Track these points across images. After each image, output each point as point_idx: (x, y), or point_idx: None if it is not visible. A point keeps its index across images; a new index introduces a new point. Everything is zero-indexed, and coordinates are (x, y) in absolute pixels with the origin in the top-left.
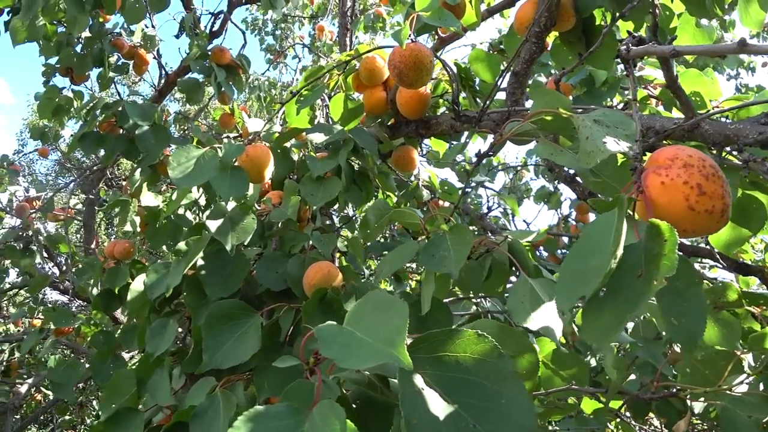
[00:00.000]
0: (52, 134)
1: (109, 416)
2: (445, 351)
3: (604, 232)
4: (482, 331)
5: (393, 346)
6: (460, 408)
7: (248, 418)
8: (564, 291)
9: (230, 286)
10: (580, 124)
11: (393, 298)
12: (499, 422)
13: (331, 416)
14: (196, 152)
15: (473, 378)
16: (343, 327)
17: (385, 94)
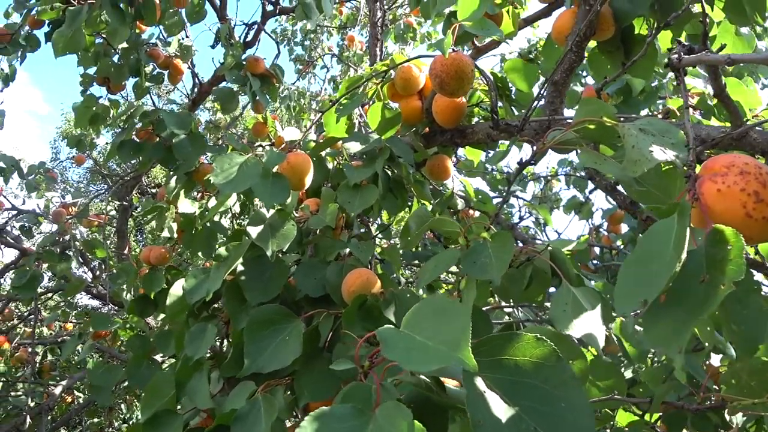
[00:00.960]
0: (88, 142)
1: (148, 418)
2: (504, 354)
3: (663, 238)
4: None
5: (458, 349)
6: (521, 411)
7: (314, 418)
8: (624, 295)
9: (270, 292)
10: (625, 133)
11: (453, 302)
12: (559, 426)
13: (397, 417)
14: (239, 159)
15: (532, 381)
16: (401, 331)
17: (420, 104)
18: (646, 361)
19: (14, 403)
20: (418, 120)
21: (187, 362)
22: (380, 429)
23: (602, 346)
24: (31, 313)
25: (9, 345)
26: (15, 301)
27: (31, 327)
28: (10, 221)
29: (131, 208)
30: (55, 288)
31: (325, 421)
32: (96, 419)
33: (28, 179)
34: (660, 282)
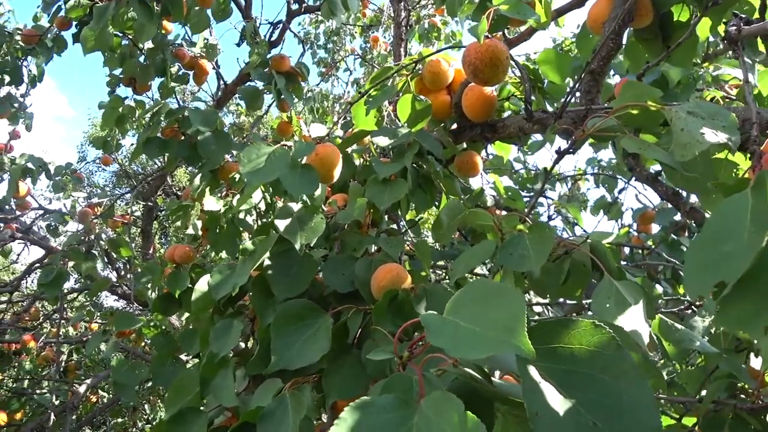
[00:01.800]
0: (114, 143)
1: (172, 415)
2: (559, 342)
3: (736, 215)
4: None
5: (512, 335)
6: (577, 404)
7: (355, 407)
8: (694, 278)
9: (297, 287)
10: (673, 116)
11: (502, 285)
12: (621, 421)
13: (446, 407)
14: (267, 149)
15: (590, 372)
16: (446, 317)
17: (449, 98)
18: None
19: (39, 401)
20: (446, 115)
21: (212, 359)
22: (427, 421)
23: (647, 342)
24: (57, 311)
25: (35, 343)
26: (41, 300)
27: (56, 325)
28: (37, 221)
29: (156, 209)
30: (80, 288)
31: (367, 411)
32: (120, 419)
33: (55, 180)
34: (740, 262)
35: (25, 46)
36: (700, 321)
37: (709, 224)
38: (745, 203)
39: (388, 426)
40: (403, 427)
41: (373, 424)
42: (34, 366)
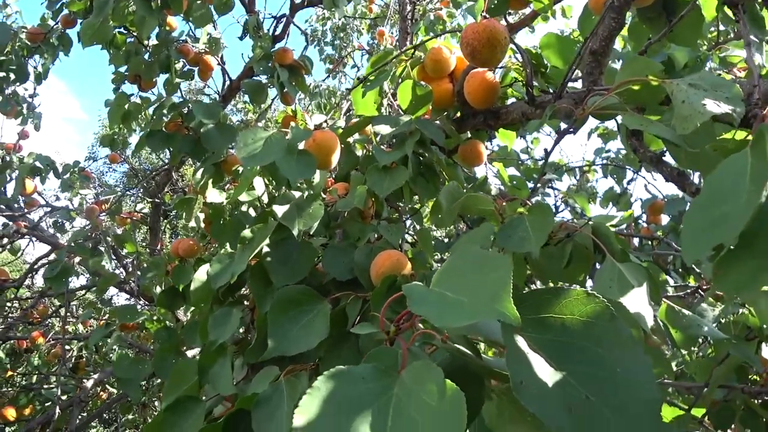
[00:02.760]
0: (121, 141)
1: (170, 404)
2: (549, 312)
3: (735, 175)
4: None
5: (497, 300)
6: (568, 376)
7: (329, 376)
8: (691, 242)
9: (296, 275)
10: (674, 89)
11: (488, 253)
12: (616, 395)
13: (426, 378)
14: (263, 134)
15: (582, 343)
16: (431, 288)
17: (452, 86)
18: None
19: (46, 396)
20: (449, 104)
21: (211, 347)
22: (408, 391)
23: (651, 326)
24: (62, 306)
25: (44, 340)
26: (49, 297)
27: (61, 319)
28: (44, 218)
29: (164, 206)
30: (88, 284)
31: (343, 380)
32: (130, 415)
33: (63, 178)
34: (737, 222)
35: (31, 45)
36: (710, 310)
37: (708, 186)
38: (744, 162)
39: (366, 396)
40: (383, 398)
41: (349, 395)
42: (44, 363)
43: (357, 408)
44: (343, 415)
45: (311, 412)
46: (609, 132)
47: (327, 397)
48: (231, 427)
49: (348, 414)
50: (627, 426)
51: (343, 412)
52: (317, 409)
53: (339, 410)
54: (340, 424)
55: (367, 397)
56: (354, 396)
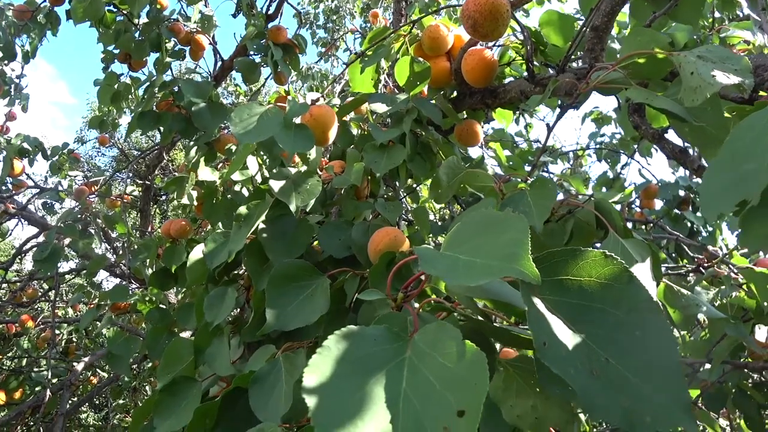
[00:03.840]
0: (111, 123)
1: (165, 385)
2: (566, 274)
3: (756, 134)
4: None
5: (514, 260)
6: (587, 339)
7: (341, 336)
8: (712, 199)
9: (293, 251)
10: (682, 61)
11: (502, 214)
12: (636, 357)
13: (441, 340)
14: (258, 109)
15: (600, 306)
16: (441, 252)
17: (449, 65)
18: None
19: (36, 379)
20: (446, 82)
21: (207, 327)
22: (421, 354)
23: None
24: (52, 288)
25: (33, 323)
26: (38, 280)
27: (51, 303)
28: (33, 200)
29: (154, 189)
30: (78, 268)
31: (355, 340)
32: (121, 400)
33: (52, 160)
34: (762, 179)
35: (18, 23)
36: (704, 293)
37: (728, 146)
38: (765, 120)
39: (379, 358)
40: (394, 362)
41: (361, 357)
42: (34, 347)
43: (370, 369)
44: (356, 377)
45: (323, 373)
46: (603, 117)
47: (339, 358)
48: (228, 405)
49: (361, 376)
50: (651, 389)
51: (356, 373)
52: (329, 369)
53: (352, 371)
54: (352, 386)
55: (379, 358)
56: (366, 357)
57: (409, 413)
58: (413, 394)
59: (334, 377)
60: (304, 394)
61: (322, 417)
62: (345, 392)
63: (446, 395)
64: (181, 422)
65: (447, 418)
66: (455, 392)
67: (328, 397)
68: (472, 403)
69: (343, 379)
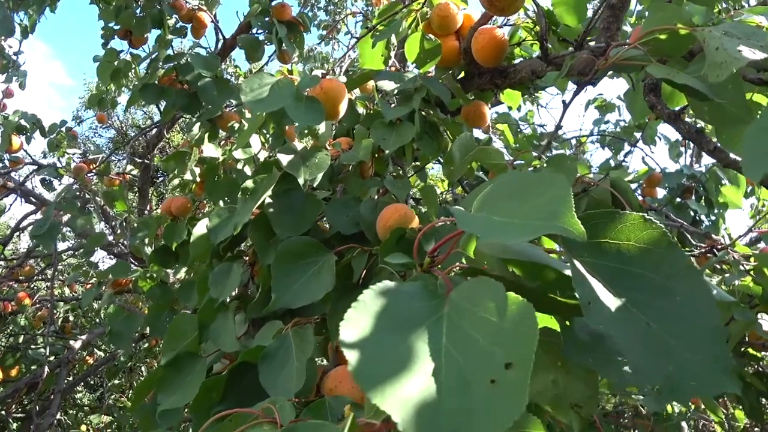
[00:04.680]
0: (110, 101)
1: (170, 360)
2: (605, 237)
3: None
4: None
5: (557, 217)
6: (628, 303)
7: (378, 291)
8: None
9: (300, 226)
10: (706, 36)
11: (540, 174)
12: (677, 323)
13: (481, 296)
14: (270, 79)
15: (639, 270)
16: (473, 214)
17: (458, 44)
18: None
19: (33, 357)
20: (455, 62)
21: (211, 303)
22: (460, 310)
23: None
24: (49, 265)
25: (30, 301)
26: (35, 258)
27: (49, 281)
28: (31, 176)
29: (153, 169)
30: (75, 246)
31: (392, 297)
32: (116, 380)
33: (49, 137)
34: None
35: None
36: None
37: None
38: None
39: (415, 315)
40: (433, 318)
41: (398, 313)
42: (30, 324)
43: (408, 325)
44: (395, 332)
45: (361, 327)
46: (607, 104)
47: (376, 313)
48: (235, 380)
49: (399, 331)
50: (694, 354)
51: (394, 328)
52: (368, 323)
53: (390, 327)
54: (392, 341)
55: (417, 314)
56: (403, 313)
57: (452, 367)
58: (455, 349)
59: (373, 332)
60: (343, 348)
61: (365, 372)
62: (385, 347)
63: (491, 349)
64: (187, 397)
65: (493, 371)
66: (501, 345)
67: (368, 352)
68: (522, 354)
69: (382, 334)
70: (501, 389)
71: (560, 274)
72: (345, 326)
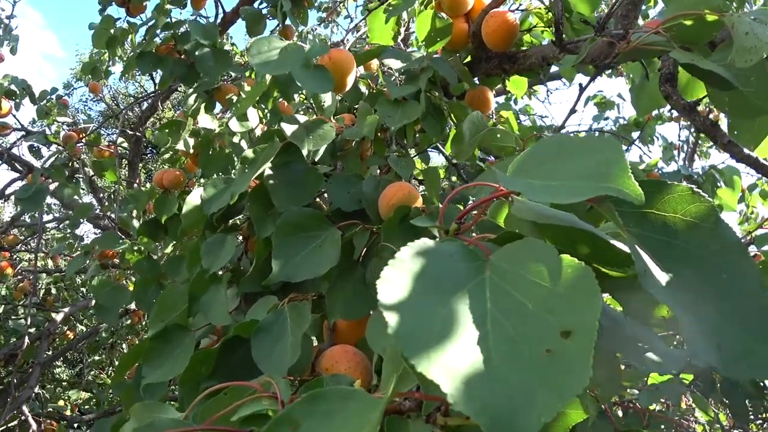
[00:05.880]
0: (104, 71)
1: (158, 332)
2: (651, 208)
3: None
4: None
5: (610, 179)
6: (675, 278)
7: (416, 249)
8: None
9: (300, 199)
10: (735, 21)
11: (586, 137)
12: (725, 300)
13: (529, 258)
14: (279, 43)
15: (684, 245)
16: (511, 176)
17: (467, 27)
18: None
19: (13, 328)
20: (463, 45)
21: (203, 275)
22: (502, 273)
23: None
24: (35, 233)
25: (12, 271)
26: (20, 228)
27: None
28: (19, 142)
29: (143, 143)
30: (61, 216)
31: (432, 256)
32: (97, 357)
33: (39, 105)
34: None
35: None
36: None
37: None
38: None
39: (456, 276)
40: (474, 281)
41: (438, 273)
42: (11, 295)
43: (449, 288)
44: (437, 294)
45: (401, 288)
46: (606, 101)
47: (416, 273)
48: (226, 354)
49: (441, 294)
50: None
51: (436, 290)
52: (407, 284)
53: (431, 288)
54: (435, 304)
55: (458, 276)
56: (444, 274)
57: (501, 335)
58: (502, 315)
59: (413, 293)
60: (382, 309)
61: (407, 337)
62: (427, 310)
63: (544, 316)
64: (174, 371)
65: (550, 340)
66: (556, 312)
67: (410, 314)
68: (584, 322)
69: (423, 295)
70: (561, 360)
71: (595, 246)
72: (383, 285)
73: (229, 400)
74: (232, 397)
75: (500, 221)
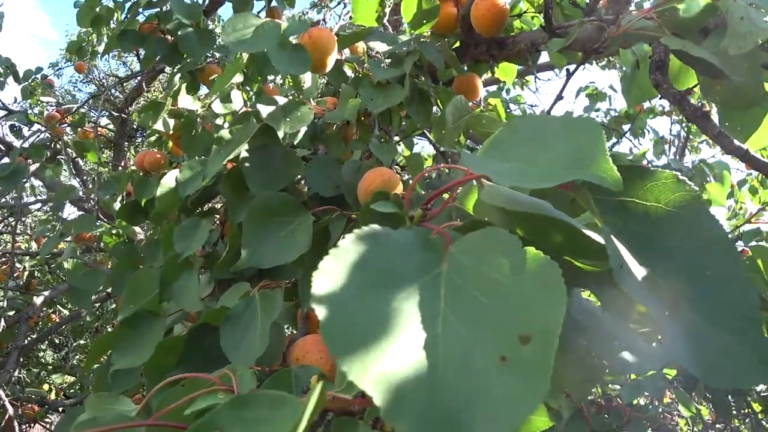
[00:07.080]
0: (90, 51)
1: (126, 318)
2: (631, 196)
3: None
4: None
5: (586, 165)
6: (653, 273)
7: (362, 237)
8: None
9: (276, 184)
10: (729, 6)
11: (563, 117)
12: (707, 300)
13: (489, 250)
14: (255, 21)
15: (666, 236)
16: (481, 159)
17: (456, 11)
18: None
19: None
20: (450, 29)
21: (175, 259)
22: (459, 267)
23: None
24: (14, 212)
25: None
26: (1, 208)
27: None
28: (0, 122)
29: (130, 124)
30: (43, 198)
31: (380, 245)
32: (82, 340)
33: (23, 84)
34: None
35: None
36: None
37: None
38: None
39: (406, 270)
40: (428, 276)
41: (385, 264)
42: None
43: (396, 282)
44: (380, 289)
45: (338, 279)
46: (598, 93)
47: (358, 263)
48: (194, 342)
49: (386, 288)
50: (728, 337)
51: (380, 284)
52: (346, 275)
53: (374, 282)
54: (376, 300)
55: (408, 269)
56: (392, 266)
57: (451, 339)
58: (455, 316)
59: (352, 285)
60: (313, 303)
61: (339, 334)
62: (366, 306)
63: (502, 316)
64: (143, 358)
65: (505, 346)
66: (515, 313)
67: (345, 310)
68: (544, 325)
69: (363, 289)
70: (515, 369)
71: (569, 237)
72: (319, 276)
73: (185, 393)
74: (190, 390)
75: (469, 208)
